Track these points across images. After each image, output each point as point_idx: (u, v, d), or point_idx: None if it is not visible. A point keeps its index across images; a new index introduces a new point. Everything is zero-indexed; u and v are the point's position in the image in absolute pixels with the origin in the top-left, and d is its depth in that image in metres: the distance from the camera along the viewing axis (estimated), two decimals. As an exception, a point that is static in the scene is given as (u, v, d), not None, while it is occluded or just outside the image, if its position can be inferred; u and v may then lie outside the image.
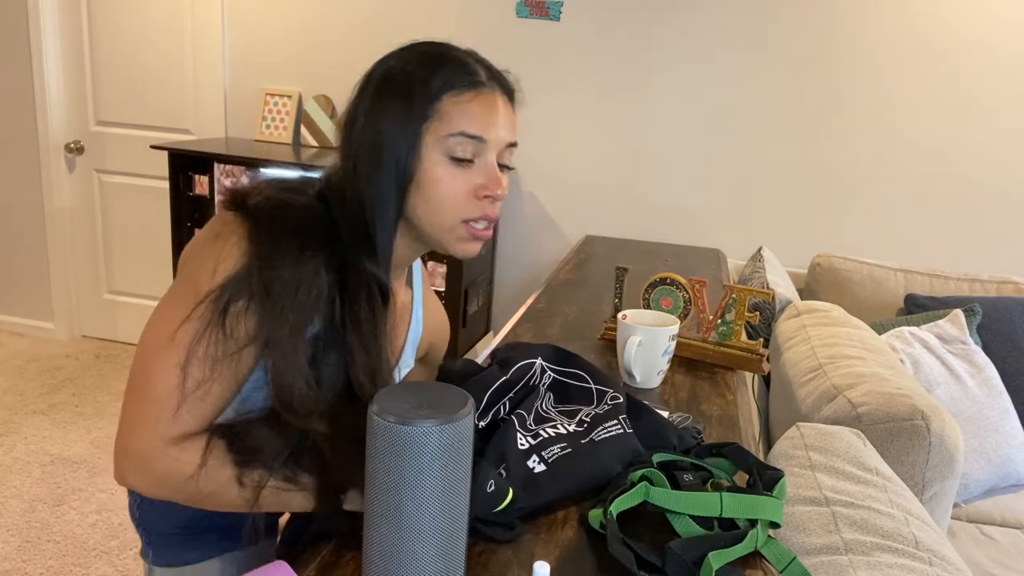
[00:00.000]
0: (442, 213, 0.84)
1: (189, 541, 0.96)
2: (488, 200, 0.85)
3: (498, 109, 0.84)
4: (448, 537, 0.67)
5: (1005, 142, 2.54)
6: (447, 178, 0.83)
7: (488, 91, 0.84)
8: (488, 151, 0.84)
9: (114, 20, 3.16)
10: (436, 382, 0.73)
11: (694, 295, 1.46)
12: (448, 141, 0.82)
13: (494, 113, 0.84)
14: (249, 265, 0.75)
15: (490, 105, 0.84)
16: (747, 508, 0.82)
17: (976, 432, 1.80)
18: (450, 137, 0.82)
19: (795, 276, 2.61)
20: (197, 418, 0.77)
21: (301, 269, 0.76)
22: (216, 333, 0.74)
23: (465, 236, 0.86)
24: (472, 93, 0.83)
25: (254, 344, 0.76)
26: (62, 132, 3.32)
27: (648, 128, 2.79)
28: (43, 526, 2.18)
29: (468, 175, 0.84)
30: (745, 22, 2.63)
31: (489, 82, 0.85)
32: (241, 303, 0.75)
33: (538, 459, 0.90)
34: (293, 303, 0.75)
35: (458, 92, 0.82)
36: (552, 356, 1.10)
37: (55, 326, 3.53)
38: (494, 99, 0.84)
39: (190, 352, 0.74)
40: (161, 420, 0.76)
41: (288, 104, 3.03)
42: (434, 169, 0.82)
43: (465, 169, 0.83)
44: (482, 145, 0.83)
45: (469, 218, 0.85)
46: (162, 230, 3.26)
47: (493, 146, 0.84)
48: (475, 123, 0.82)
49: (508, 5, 2.81)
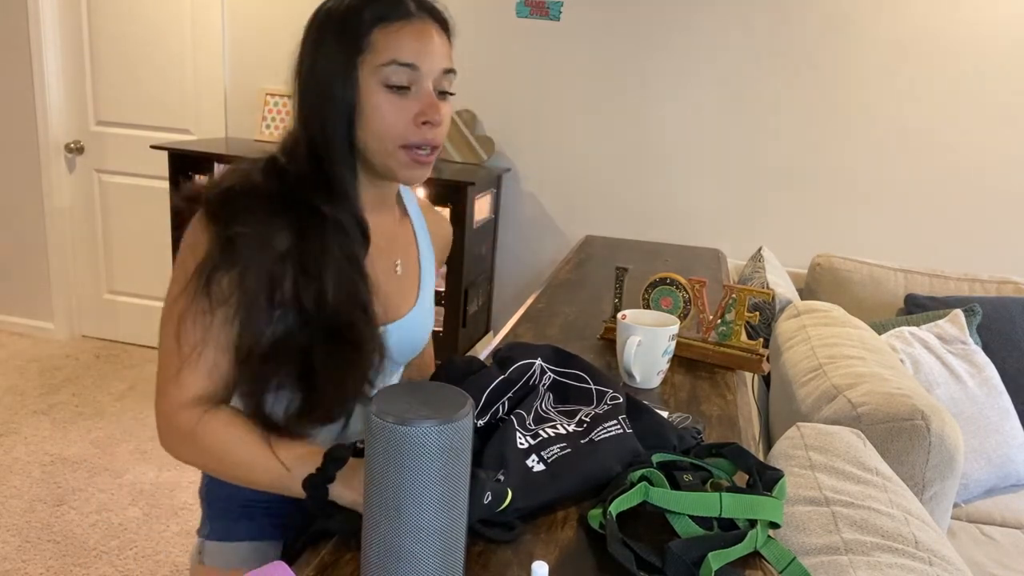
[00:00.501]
0: (383, 140, 0.89)
1: (243, 520, 1.04)
2: (427, 126, 0.89)
3: (430, 37, 0.88)
4: (448, 537, 0.67)
5: (1005, 142, 2.54)
6: (385, 105, 0.87)
7: (419, 21, 0.88)
8: (423, 79, 0.88)
9: (114, 20, 3.17)
10: (436, 382, 0.73)
11: (694, 295, 1.46)
12: (383, 71, 0.86)
13: (426, 41, 0.88)
14: (214, 241, 0.84)
15: (421, 33, 0.88)
16: (747, 508, 0.82)
17: (976, 432, 1.80)
18: (384, 67, 0.86)
19: (795, 276, 2.61)
20: (198, 379, 0.86)
21: (259, 228, 0.83)
22: (203, 303, 0.83)
23: (407, 162, 0.91)
24: (402, 23, 0.87)
25: (231, 302, 0.83)
26: (62, 132, 3.32)
27: (648, 128, 2.79)
28: (43, 526, 2.18)
29: (405, 103, 0.88)
30: (745, 22, 2.63)
31: (419, 12, 0.89)
32: (218, 274, 0.83)
33: (537, 459, 0.90)
34: (256, 258, 0.83)
35: (389, 23, 0.87)
36: (551, 356, 1.10)
37: (55, 326, 3.53)
38: (425, 28, 0.88)
39: (181, 323, 0.84)
40: (168, 382, 0.86)
41: (288, 104, 3.02)
42: (373, 98, 0.87)
43: (402, 96, 0.88)
44: (416, 73, 0.87)
45: (410, 143, 0.89)
46: (162, 230, 3.26)
47: (427, 74, 0.88)
48: (407, 51, 0.86)
49: (508, 5, 2.81)
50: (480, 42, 2.86)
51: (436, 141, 0.91)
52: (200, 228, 0.86)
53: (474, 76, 2.89)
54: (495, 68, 2.87)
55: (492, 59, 2.87)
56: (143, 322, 3.47)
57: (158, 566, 2.05)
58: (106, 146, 3.31)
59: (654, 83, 2.75)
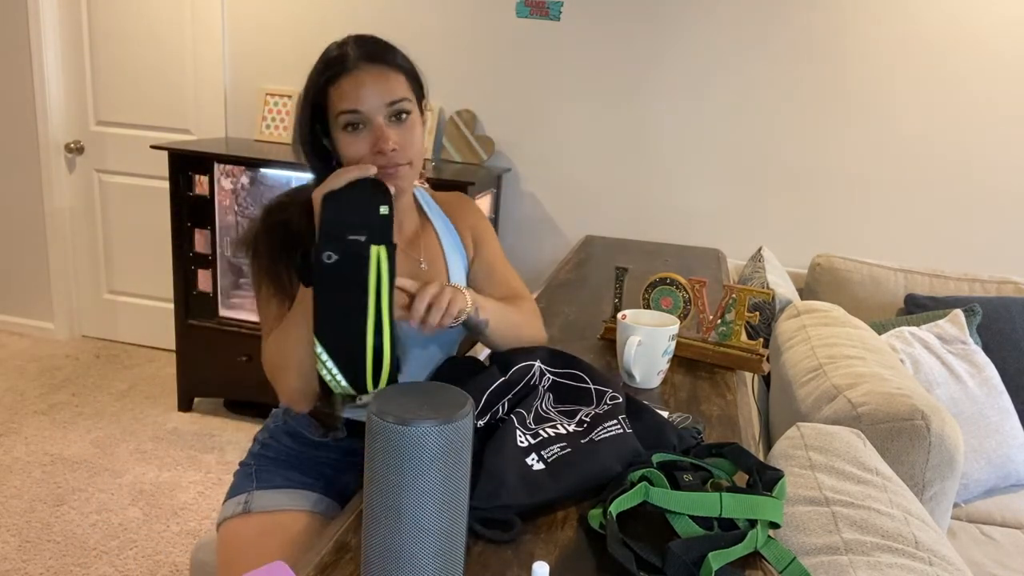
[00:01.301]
0: None
1: (291, 470, 1.24)
2: (381, 154, 1.06)
3: (365, 83, 1.05)
4: (448, 537, 0.67)
5: (1005, 142, 2.54)
6: (348, 144, 1.07)
7: (355, 71, 1.05)
8: (370, 116, 1.05)
9: (114, 20, 3.17)
10: (436, 382, 0.73)
11: (694, 295, 1.46)
12: (339, 119, 1.06)
13: (363, 87, 1.05)
14: (259, 270, 1.13)
15: (357, 82, 1.05)
16: (747, 508, 0.82)
17: (976, 432, 1.80)
18: (338, 116, 1.06)
19: (795, 276, 2.61)
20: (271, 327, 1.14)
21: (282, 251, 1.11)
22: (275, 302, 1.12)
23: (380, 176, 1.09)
24: (342, 78, 1.05)
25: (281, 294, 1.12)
26: (62, 132, 3.32)
27: (648, 128, 2.80)
28: (43, 526, 2.18)
29: (361, 140, 1.06)
30: (745, 22, 2.63)
31: (355, 63, 1.06)
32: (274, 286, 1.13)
33: (537, 458, 0.90)
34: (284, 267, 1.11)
35: (334, 81, 1.06)
36: (548, 359, 1.10)
37: (55, 326, 3.53)
38: (360, 76, 1.05)
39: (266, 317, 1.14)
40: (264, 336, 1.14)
41: (288, 104, 3.03)
42: (341, 140, 1.07)
43: (357, 135, 1.06)
44: (359, 115, 1.05)
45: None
46: (162, 230, 3.26)
47: (372, 111, 1.05)
48: (348, 100, 1.05)
49: (508, 5, 2.81)
50: (480, 42, 2.86)
51: (395, 161, 1.07)
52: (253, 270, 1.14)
53: (474, 76, 2.89)
54: (495, 68, 2.87)
55: (492, 59, 2.87)
56: (143, 322, 3.47)
57: (158, 566, 2.05)
58: (106, 146, 3.31)
59: (654, 83, 2.75)
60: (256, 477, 1.24)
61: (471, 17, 2.85)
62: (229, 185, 2.89)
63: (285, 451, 1.26)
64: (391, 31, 3.27)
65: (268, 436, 1.28)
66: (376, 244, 0.87)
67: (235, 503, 1.22)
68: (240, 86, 3.12)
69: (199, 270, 2.81)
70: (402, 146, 1.07)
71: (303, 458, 1.26)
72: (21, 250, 3.49)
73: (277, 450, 1.27)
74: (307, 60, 1.11)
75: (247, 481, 1.25)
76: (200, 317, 2.83)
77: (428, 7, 2.87)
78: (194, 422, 2.85)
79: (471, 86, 2.89)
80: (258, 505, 1.20)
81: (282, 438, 1.27)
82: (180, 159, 2.73)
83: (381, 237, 0.88)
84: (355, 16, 2.93)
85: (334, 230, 0.87)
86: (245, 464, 1.28)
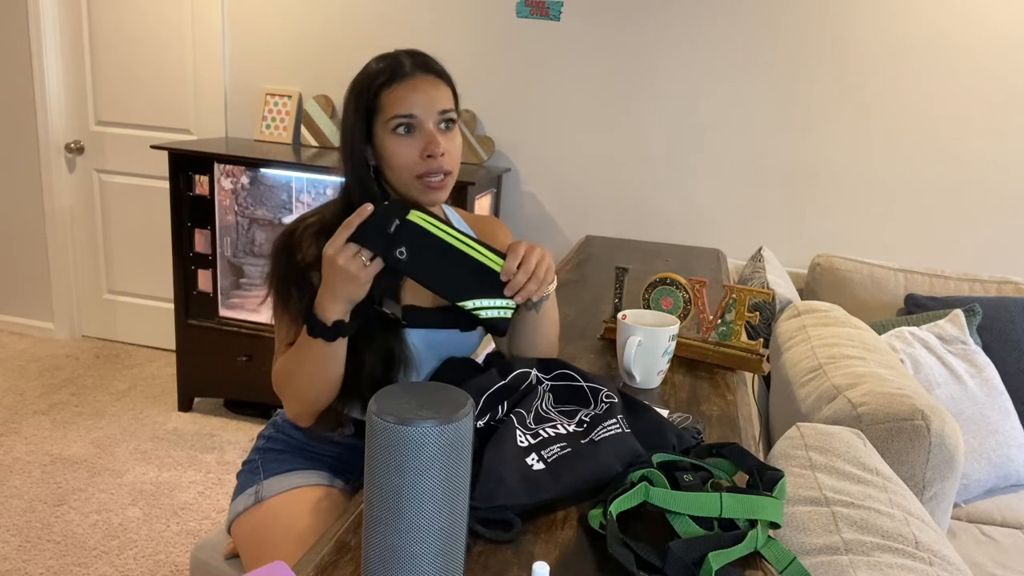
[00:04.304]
0: (400, 173, 1.12)
1: (300, 457, 1.26)
2: (431, 159, 1.09)
3: (424, 90, 1.10)
4: (448, 537, 0.67)
5: (1005, 142, 2.54)
6: (396, 148, 1.10)
7: (412, 78, 1.10)
8: (422, 122, 1.09)
9: (114, 20, 3.17)
10: (436, 382, 0.73)
11: (694, 295, 1.46)
12: (391, 123, 1.09)
13: (421, 93, 1.09)
14: (272, 286, 1.17)
15: (415, 88, 1.10)
16: (747, 508, 0.82)
17: (976, 432, 1.80)
18: (391, 120, 1.09)
19: (795, 276, 2.61)
20: (284, 346, 1.18)
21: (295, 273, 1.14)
22: (286, 320, 1.16)
23: (422, 188, 1.12)
24: (398, 83, 1.10)
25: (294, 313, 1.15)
26: (62, 132, 3.32)
27: (648, 128, 2.80)
28: (43, 526, 2.18)
29: (411, 142, 1.10)
30: (745, 22, 2.63)
31: (413, 70, 1.11)
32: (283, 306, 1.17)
33: (537, 457, 0.90)
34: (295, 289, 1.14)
35: (390, 86, 1.10)
36: (541, 367, 1.10)
37: (55, 326, 3.53)
38: (417, 82, 1.10)
39: (277, 331, 1.19)
40: (276, 351, 1.19)
41: (288, 104, 3.03)
42: (388, 145, 1.10)
43: (409, 138, 1.10)
44: (414, 119, 1.09)
45: (421, 174, 1.11)
46: (162, 230, 3.26)
47: (425, 117, 1.09)
48: (404, 105, 1.09)
49: (508, 5, 2.81)
50: (480, 42, 2.86)
51: (443, 168, 1.10)
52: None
53: (474, 76, 2.89)
54: (495, 68, 2.87)
55: (492, 59, 2.87)
56: (143, 322, 3.47)
57: (158, 566, 2.05)
58: (106, 146, 3.31)
59: (654, 83, 2.75)
60: (263, 468, 1.26)
61: (471, 17, 2.85)
62: (229, 185, 2.89)
63: (292, 442, 1.28)
64: (391, 31, 3.27)
65: (274, 430, 1.30)
66: (406, 216, 0.97)
67: (245, 497, 1.23)
68: (240, 86, 3.12)
69: (199, 270, 2.81)
70: (448, 153, 1.11)
71: (310, 448, 1.27)
72: (21, 250, 3.49)
73: (284, 442, 1.28)
74: (307, 60, 1.12)
75: (253, 475, 1.26)
76: (200, 317, 2.84)
77: (428, 7, 2.87)
78: (194, 422, 2.85)
79: (471, 86, 2.89)
80: (270, 490, 1.21)
81: (289, 430, 1.29)
82: (180, 159, 2.73)
83: (404, 212, 0.98)
84: (355, 16, 2.93)
85: (381, 247, 0.96)
86: (249, 462, 1.29)
